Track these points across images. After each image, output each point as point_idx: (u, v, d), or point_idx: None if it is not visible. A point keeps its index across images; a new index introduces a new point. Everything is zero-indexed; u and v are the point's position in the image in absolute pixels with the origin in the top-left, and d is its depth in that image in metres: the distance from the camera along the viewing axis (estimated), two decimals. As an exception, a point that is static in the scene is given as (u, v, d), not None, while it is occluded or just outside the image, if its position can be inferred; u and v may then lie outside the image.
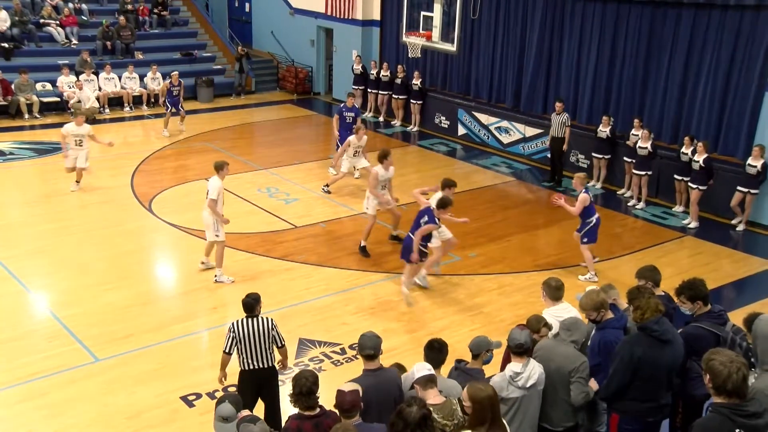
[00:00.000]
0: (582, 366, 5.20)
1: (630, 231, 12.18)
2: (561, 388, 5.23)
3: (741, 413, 3.92)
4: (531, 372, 5.04)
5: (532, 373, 5.05)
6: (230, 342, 6.12)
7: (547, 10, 15.37)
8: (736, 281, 10.37)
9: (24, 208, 12.11)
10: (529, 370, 5.04)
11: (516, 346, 5.03)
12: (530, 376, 5.03)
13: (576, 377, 5.18)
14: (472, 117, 16.89)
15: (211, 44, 21.99)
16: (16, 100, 16.98)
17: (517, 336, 5.06)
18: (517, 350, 5.04)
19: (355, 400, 4.48)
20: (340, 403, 4.47)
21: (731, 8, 12.42)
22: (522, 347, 5.03)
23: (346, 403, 4.44)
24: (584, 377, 5.21)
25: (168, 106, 16.49)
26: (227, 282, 9.62)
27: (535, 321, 5.70)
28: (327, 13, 20.22)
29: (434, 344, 5.24)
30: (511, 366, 5.08)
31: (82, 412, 6.92)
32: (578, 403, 5.23)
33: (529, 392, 5.06)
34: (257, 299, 6.18)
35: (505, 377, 5.04)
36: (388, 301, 9.30)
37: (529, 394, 5.06)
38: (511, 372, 5.03)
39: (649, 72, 13.84)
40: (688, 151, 12.24)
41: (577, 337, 5.39)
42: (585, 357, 5.34)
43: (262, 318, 6.13)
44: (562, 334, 5.45)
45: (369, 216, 10.65)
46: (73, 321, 8.50)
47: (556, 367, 5.21)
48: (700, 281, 5.65)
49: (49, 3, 19.58)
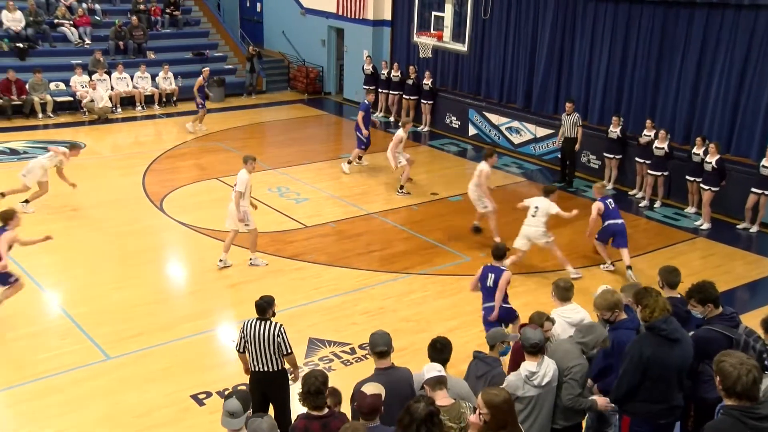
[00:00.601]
0: (576, 368, 5.15)
1: (642, 232, 12.11)
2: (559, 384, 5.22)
3: (752, 416, 3.89)
4: (546, 370, 5.05)
5: (547, 371, 5.05)
6: (240, 341, 6.15)
7: (559, 10, 15.31)
8: (749, 283, 10.29)
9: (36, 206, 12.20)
10: (544, 368, 5.04)
11: (531, 346, 5.03)
12: (545, 374, 5.03)
13: (568, 378, 5.14)
14: (482, 117, 16.86)
15: (222, 44, 22.06)
16: (30, 99, 17.11)
17: (531, 335, 5.06)
18: (531, 349, 5.04)
19: (376, 403, 4.43)
20: (359, 406, 4.45)
21: (745, 8, 12.31)
22: (537, 346, 5.03)
23: (366, 407, 4.40)
24: (576, 380, 5.15)
25: (202, 103, 16.67)
26: (262, 265, 10.07)
27: (537, 317, 5.77)
28: (338, 13, 20.24)
29: (437, 344, 5.25)
30: (526, 365, 5.07)
31: (93, 409, 6.96)
32: (564, 404, 5.17)
33: (544, 390, 5.06)
34: (270, 303, 6.16)
35: (521, 377, 5.04)
36: (397, 301, 9.30)
37: (544, 392, 5.06)
38: (526, 372, 5.03)
39: (661, 72, 13.75)
40: (699, 151, 12.16)
41: (588, 340, 5.36)
42: (585, 360, 5.27)
43: (272, 323, 6.10)
44: (575, 335, 5.43)
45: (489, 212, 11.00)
46: (84, 319, 8.56)
47: (557, 362, 5.21)
48: (709, 284, 5.61)
49: (63, 3, 19.72)
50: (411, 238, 11.43)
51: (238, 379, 7.40)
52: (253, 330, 6.03)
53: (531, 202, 10.01)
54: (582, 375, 5.20)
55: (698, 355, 5.35)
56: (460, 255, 10.73)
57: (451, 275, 10.07)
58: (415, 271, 10.19)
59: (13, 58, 18.11)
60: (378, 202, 12.96)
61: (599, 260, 10.68)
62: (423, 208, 12.77)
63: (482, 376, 5.41)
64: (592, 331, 5.42)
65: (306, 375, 4.78)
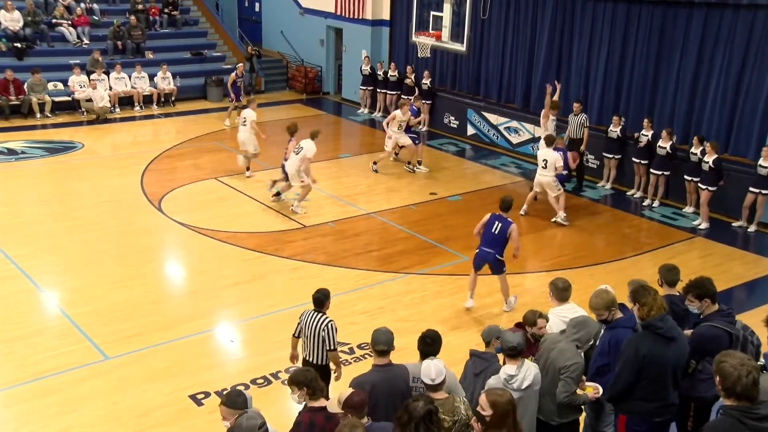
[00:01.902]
0: (573, 366, 5.17)
1: (640, 232, 12.13)
2: (553, 382, 5.22)
3: (752, 416, 3.90)
4: (526, 374, 5.01)
5: (527, 375, 5.02)
6: (297, 327, 6.45)
7: (557, 10, 15.32)
8: (748, 282, 10.30)
9: (35, 206, 12.21)
10: (524, 371, 5.01)
11: (509, 349, 5.00)
12: (525, 378, 5.00)
13: (565, 375, 5.16)
14: (481, 117, 16.86)
15: (221, 44, 22.06)
16: (28, 99, 17.10)
17: (510, 338, 5.03)
18: (510, 353, 5.01)
19: (364, 399, 4.52)
20: (349, 404, 4.48)
21: (743, 7, 12.33)
22: (515, 350, 4.99)
23: (355, 402, 4.46)
24: (572, 378, 5.17)
25: (232, 97, 17.37)
26: (301, 213, 11.86)
27: (531, 314, 5.79)
28: (336, 13, 20.24)
29: (426, 339, 5.24)
30: (505, 369, 5.05)
31: (92, 409, 6.96)
32: (560, 401, 5.20)
33: (525, 393, 5.02)
34: (327, 296, 6.34)
35: (500, 380, 5.01)
36: (396, 301, 9.30)
37: (525, 395, 5.03)
38: (505, 375, 5.00)
39: (660, 72, 13.77)
40: (697, 151, 12.17)
41: (581, 336, 5.39)
42: (581, 359, 5.30)
43: (324, 316, 6.26)
44: (568, 330, 5.44)
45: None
46: (83, 319, 8.56)
47: (552, 360, 5.22)
48: (707, 280, 5.62)
49: (62, 3, 19.71)
50: (409, 237, 11.44)
51: (237, 379, 7.43)
52: (308, 320, 6.31)
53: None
54: (578, 373, 5.21)
55: (700, 352, 5.37)
56: (458, 255, 10.74)
57: (450, 275, 10.08)
58: (413, 271, 10.19)
59: (11, 58, 18.08)
60: (377, 202, 12.97)
61: (600, 259, 10.71)
62: (421, 207, 12.78)
63: (480, 372, 5.41)
64: (585, 327, 5.44)
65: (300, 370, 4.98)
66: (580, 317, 5.66)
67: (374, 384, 4.97)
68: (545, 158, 11.73)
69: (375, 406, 4.82)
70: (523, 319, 5.86)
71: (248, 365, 7.79)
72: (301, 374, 4.90)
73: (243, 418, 4.32)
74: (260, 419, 4.31)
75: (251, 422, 4.26)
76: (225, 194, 13.01)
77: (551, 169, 11.65)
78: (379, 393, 4.94)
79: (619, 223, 12.45)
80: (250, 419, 4.29)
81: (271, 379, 7.48)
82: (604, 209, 13.12)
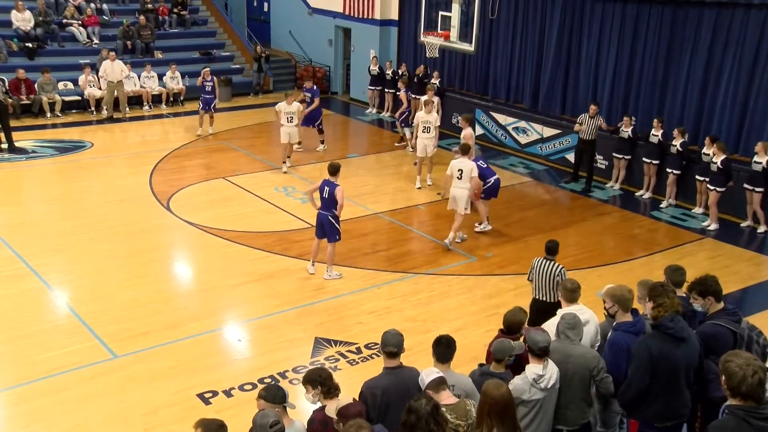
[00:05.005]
0: (601, 363, 5.28)
1: (648, 233, 12.07)
2: (580, 388, 5.22)
3: (758, 416, 3.87)
4: (551, 373, 5.05)
5: (552, 374, 5.05)
6: (530, 272, 7.58)
7: (566, 10, 15.27)
8: (757, 284, 10.24)
9: (45, 205, 12.28)
10: (549, 371, 5.04)
11: (539, 349, 5.02)
12: (551, 377, 5.03)
13: (601, 375, 5.24)
14: (489, 117, 16.83)
15: (229, 44, 22.12)
16: (39, 98, 17.20)
17: (539, 338, 5.05)
18: (540, 353, 5.03)
19: (358, 411, 4.60)
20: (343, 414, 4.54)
21: (755, 7, 12.25)
22: (545, 349, 5.03)
23: (350, 414, 4.51)
24: (607, 372, 5.30)
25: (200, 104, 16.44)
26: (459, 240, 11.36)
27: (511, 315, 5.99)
28: (345, 13, 20.26)
29: (442, 340, 5.25)
30: (532, 368, 5.04)
31: (100, 407, 6.99)
32: (609, 392, 5.33)
33: (549, 393, 5.05)
34: (557, 244, 7.56)
35: (528, 380, 5.01)
36: (403, 301, 9.30)
37: (549, 394, 5.06)
38: (534, 375, 5.01)
39: (670, 72, 13.70)
40: (709, 151, 12.10)
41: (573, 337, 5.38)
42: (599, 354, 5.40)
43: (554, 263, 7.39)
44: (570, 333, 5.36)
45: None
46: (92, 317, 8.60)
47: (575, 368, 5.19)
48: (711, 277, 5.59)
49: (72, 3, 19.82)
50: (417, 238, 11.43)
51: (245, 379, 7.44)
52: (539, 266, 7.43)
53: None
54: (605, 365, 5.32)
55: (704, 350, 5.33)
56: (466, 255, 10.72)
57: (457, 275, 10.07)
58: (421, 271, 10.19)
59: (22, 57, 18.21)
60: (384, 201, 12.97)
61: (605, 261, 10.67)
62: (429, 208, 12.77)
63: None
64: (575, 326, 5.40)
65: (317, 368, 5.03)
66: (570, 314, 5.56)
67: (385, 389, 4.98)
68: (460, 168, 10.52)
69: (387, 409, 4.86)
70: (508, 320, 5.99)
71: (256, 364, 7.80)
72: (316, 373, 4.90)
73: (258, 416, 4.36)
74: (273, 417, 4.33)
75: (264, 420, 4.29)
76: (233, 194, 13.05)
77: (466, 180, 10.48)
78: (390, 396, 4.94)
79: (627, 224, 12.40)
80: (263, 417, 4.32)
81: (279, 379, 7.48)
82: (612, 210, 13.08)
